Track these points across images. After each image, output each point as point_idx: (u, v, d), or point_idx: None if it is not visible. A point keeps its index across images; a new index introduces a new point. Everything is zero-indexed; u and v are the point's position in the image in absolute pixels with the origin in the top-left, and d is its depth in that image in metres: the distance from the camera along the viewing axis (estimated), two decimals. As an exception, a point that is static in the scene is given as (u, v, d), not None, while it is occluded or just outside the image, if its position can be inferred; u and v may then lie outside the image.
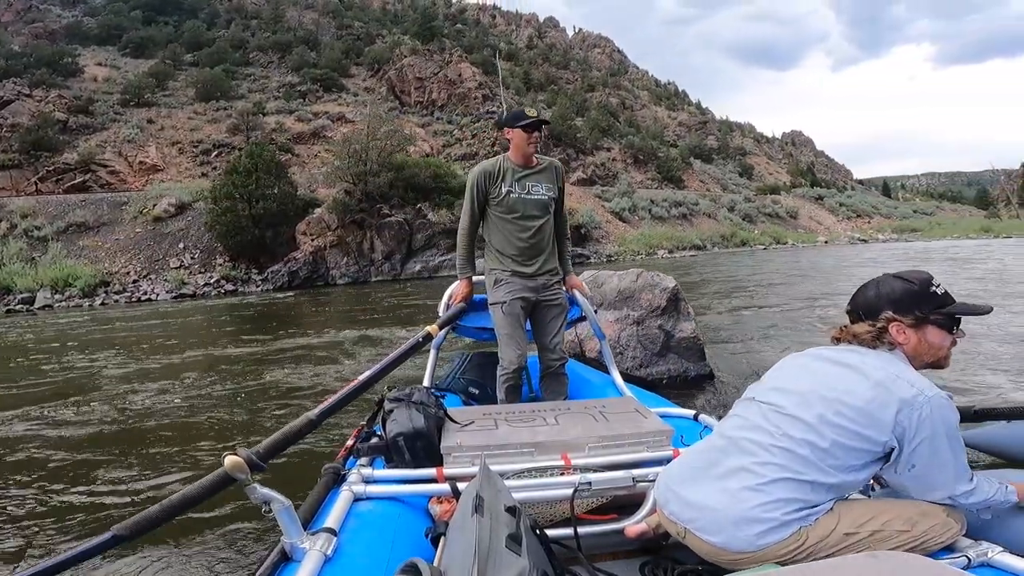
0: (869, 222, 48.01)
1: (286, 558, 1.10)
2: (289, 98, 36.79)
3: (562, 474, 1.46)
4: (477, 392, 2.56)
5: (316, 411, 1.46)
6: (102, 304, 16.55)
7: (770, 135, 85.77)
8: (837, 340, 1.32)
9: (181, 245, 20.76)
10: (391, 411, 1.65)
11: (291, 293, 16.99)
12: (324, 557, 1.08)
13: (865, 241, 36.56)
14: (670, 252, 26.43)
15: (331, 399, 1.55)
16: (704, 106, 79.24)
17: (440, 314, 2.52)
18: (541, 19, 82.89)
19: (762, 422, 1.23)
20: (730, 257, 24.63)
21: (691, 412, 2.07)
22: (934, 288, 1.26)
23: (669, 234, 29.47)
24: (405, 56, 39.94)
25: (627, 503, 1.47)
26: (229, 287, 18.53)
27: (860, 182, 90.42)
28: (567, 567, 1.18)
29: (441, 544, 1.12)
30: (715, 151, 56.85)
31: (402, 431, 1.58)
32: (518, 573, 0.81)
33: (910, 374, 1.19)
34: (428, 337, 2.16)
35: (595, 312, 2.76)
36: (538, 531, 1.08)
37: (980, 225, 47.63)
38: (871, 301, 1.29)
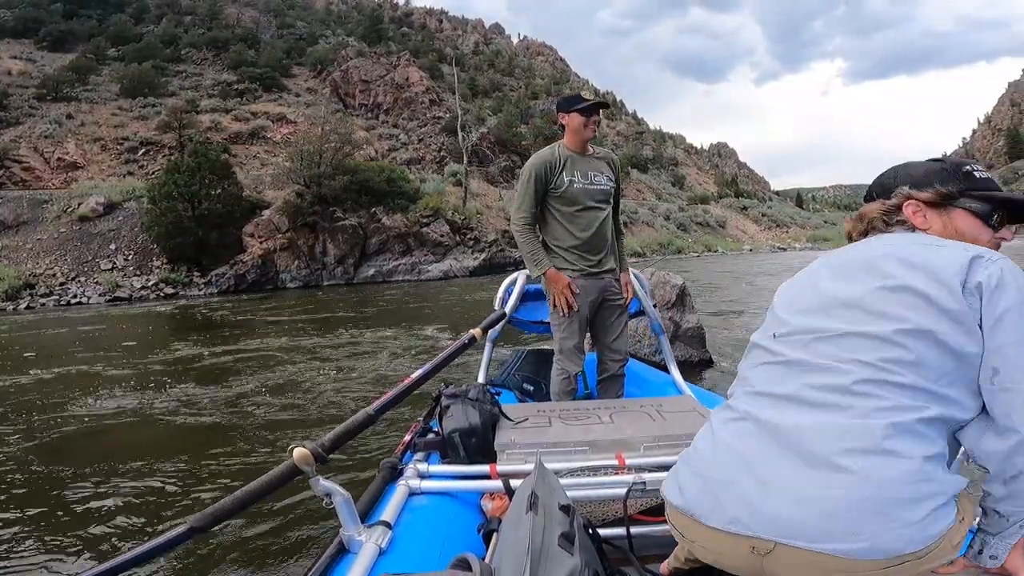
0: (787, 231, 52.00)
1: (343, 549, 1.12)
2: (226, 96, 35.43)
3: (616, 473, 1.44)
4: (532, 389, 2.55)
5: (374, 407, 1.50)
6: (27, 308, 15.48)
7: (699, 146, 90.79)
8: (849, 236, 1.04)
9: (112, 246, 19.67)
10: (448, 407, 1.68)
11: (238, 297, 16.54)
12: (379, 550, 1.10)
13: (784, 249, 39.69)
14: (613, 257, 27.52)
15: (386, 396, 1.59)
16: (640, 116, 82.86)
17: (496, 307, 2.52)
18: (487, 25, 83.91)
19: (816, 358, 0.85)
20: (671, 264, 26.17)
21: None
22: (970, 168, 0.97)
23: (611, 240, 30.72)
24: (351, 58, 39.44)
25: None
26: (169, 290, 17.77)
27: (777, 193, 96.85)
28: (618, 568, 1.17)
29: (493, 540, 1.12)
30: (650, 161, 59.64)
31: (458, 427, 1.60)
32: (570, 571, 0.82)
33: (953, 241, 0.89)
34: (473, 340, 2.11)
35: (654, 307, 2.65)
36: (591, 530, 1.08)
37: (882, 234, 52.74)
38: (886, 180, 1.03)
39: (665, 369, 2.67)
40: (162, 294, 17.52)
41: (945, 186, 0.96)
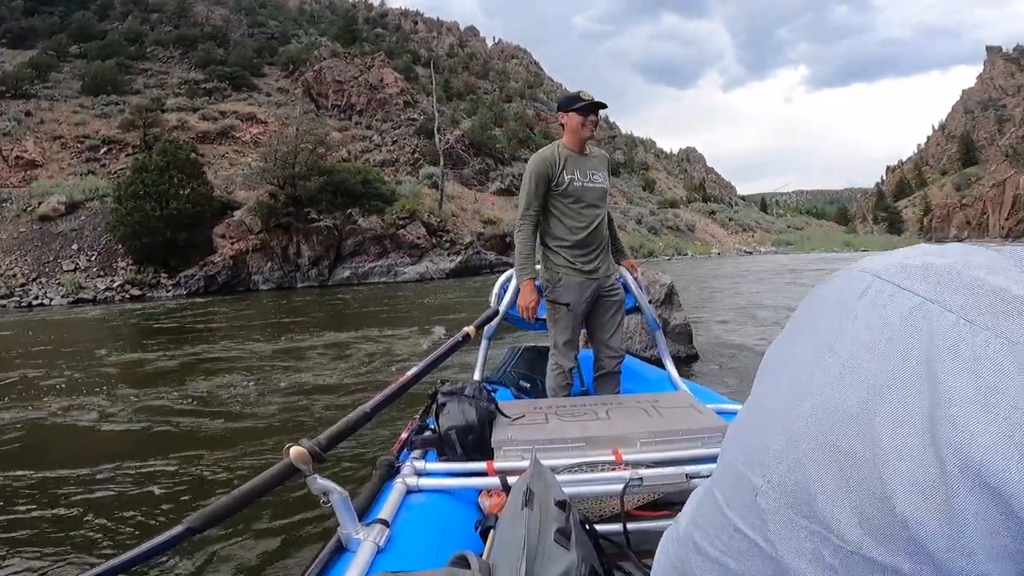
0: (753, 235, 53.58)
1: (341, 548, 1.12)
2: (193, 95, 34.69)
3: (613, 469, 1.44)
4: (528, 386, 2.56)
5: (370, 404, 1.50)
6: (-13, 311, 14.93)
7: (668, 151, 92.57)
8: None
9: (75, 246, 19.11)
10: (444, 404, 1.68)
11: (208, 299, 16.18)
12: (376, 548, 1.10)
13: (750, 253, 40.92)
14: (586, 259, 27.91)
15: (382, 394, 1.59)
16: (612, 121, 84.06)
17: (491, 304, 2.52)
18: (462, 28, 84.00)
19: None
20: (644, 267, 26.63)
21: None
22: None
23: (585, 243, 31.12)
24: (324, 58, 39.07)
25: (679, 500, 1.41)
26: (135, 292, 17.36)
27: (743, 198, 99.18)
28: (616, 563, 1.16)
29: (490, 537, 1.12)
30: (622, 165, 60.59)
31: (454, 424, 1.61)
32: (566, 567, 0.81)
33: None
34: (467, 337, 2.10)
35: (648, 303, 2.67)
36: (587, 526, 1.07)
37: (842, 239, 55.14)
38: None
39: (660, 365, 2.68)
40: (128, 295, 17.10)
41: None
